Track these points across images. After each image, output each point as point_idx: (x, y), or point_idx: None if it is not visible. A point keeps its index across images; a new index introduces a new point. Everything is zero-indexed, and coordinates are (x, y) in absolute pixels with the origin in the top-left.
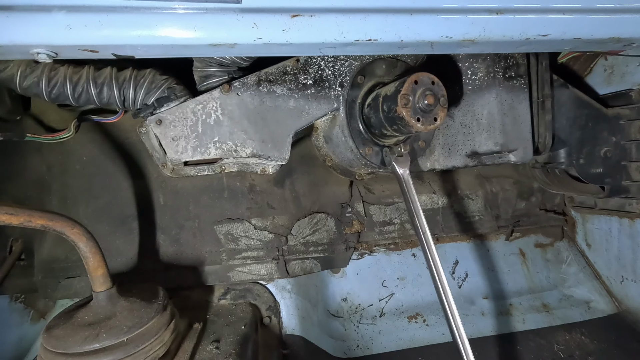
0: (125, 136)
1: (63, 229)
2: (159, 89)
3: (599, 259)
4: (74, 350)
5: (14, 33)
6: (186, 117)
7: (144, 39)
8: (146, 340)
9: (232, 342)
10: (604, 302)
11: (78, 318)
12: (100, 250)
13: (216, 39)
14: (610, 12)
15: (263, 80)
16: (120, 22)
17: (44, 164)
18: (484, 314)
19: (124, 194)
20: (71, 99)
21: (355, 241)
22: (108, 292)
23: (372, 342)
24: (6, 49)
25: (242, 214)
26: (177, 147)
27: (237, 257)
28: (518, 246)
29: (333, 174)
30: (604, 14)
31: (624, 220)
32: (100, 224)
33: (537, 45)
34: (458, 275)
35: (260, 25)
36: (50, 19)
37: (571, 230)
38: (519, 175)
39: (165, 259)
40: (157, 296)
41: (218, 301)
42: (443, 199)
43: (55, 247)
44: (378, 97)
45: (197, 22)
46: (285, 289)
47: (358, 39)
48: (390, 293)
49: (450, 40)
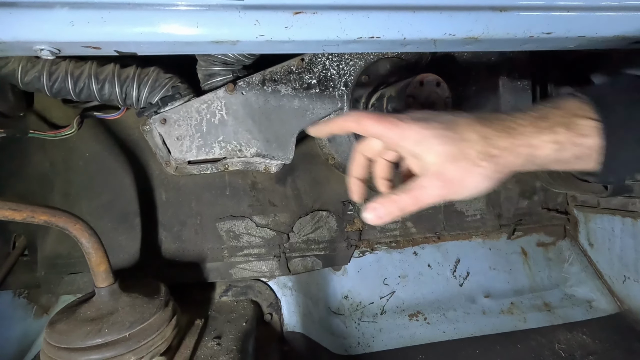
0: (127, 133)
1: (66, 225)
2: (163, 87)
3: (601, 258)
4: (77, 345)
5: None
6: (191, 116)
7: (147, 35)
8: (148, 336)
9: (233, 338)
10: (606, 301)
11: (81, 313)
12: (102, 247)
13: (218, 35)
14: (615, 9)
15: (268, 80)
16: (123, 18)
17: (47, 160)
18: (485, 312)
19: (127, 190)
20: (72, 94)
21: (356, 239)
22: (110, 287)
23: (373, 339)
24: (9, 45)
25: (244, 212)
26: (181, 147)
27: (239, 254)
28: (520, 245)
29: (335, 172)
30: (609, 11)
31: (626, 220)
32: (103, 221)
33: (540, 43)
34: (459, 273)
35: (262, 22)
36: (53, 15)
37: (573, 230)
38: (521, 173)
39: (167, 256)
40: (159, 292)
41: (219, 298)
42: None
43: (58, 243)
44: (382, 97)
45: (199, 19)
46: (286, 286)
47: (361, 37)
48: (392, 291)
49: (453, 38)
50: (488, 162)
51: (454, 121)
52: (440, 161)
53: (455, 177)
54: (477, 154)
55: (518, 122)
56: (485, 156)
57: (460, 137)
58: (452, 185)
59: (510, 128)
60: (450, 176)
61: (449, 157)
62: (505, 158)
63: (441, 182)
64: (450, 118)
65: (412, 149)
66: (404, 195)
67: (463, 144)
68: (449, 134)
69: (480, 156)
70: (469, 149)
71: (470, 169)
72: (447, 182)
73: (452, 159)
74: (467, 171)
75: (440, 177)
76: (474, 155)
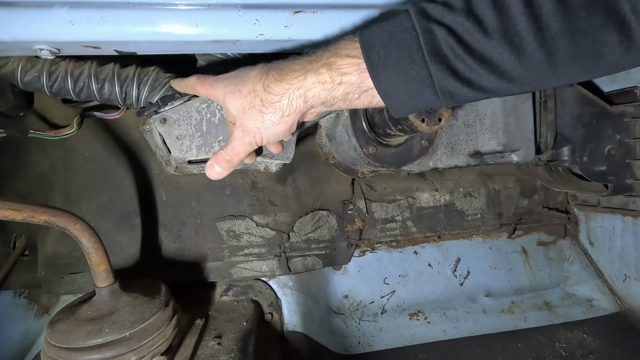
0: (127, 133)
1: (66, 225)
2: (163, 87)
3: (601, 257)
4: (77, 344)
5: (17, 29)
6: (191, 115)
7: (146, 35)
8: (148, 336)
9: (233, 338)
10: (606, 300)
11: (81, 313)
12: (102, 246)
13: (218, 35)
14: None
15: None
16: (123, 18)
17: (47, 160)
18: (485, 311)
19: (127, 190)
20: (72, 94)
21: (357, 238)
22: (111, 287)
23: (373, 339)
24: (8, 45)
25: (244, 211)
26: (181, 146)
27: (239, 253)
28: (520, 244)
29: (335, 171)
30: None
31: (627, 219)
32: (103, 220)
33: None
34: (460, 272)
35: (262, 22)
36: (53, 15)
37: (574, 229)
38: (522, 173)
39: (167, 255)
40: (160, 292)
41: (220, 297)
42: (445, 196)
43: (58, 243)
44: None
45: (199, 18)
46: (287, 286)
47: None
48: (392, 290)
49: None
50: (270, 108)
51: (247, 75)
52: (238, 113)
53: (250, 124)
54: (260, 103)
55: (292, 67)
56: (267, 103)
57: (247, 90)
58: (251, 131)
59: (285, 74)
60: (246, 125)
61: (242, 109)
62: (282, 102)
63: (243, 131)
64: (246, 73)
65: (223, 105)
66: (226, 149)
67: (250, 96)
68: (241, 89)
69: (263, 104)
70: (255, 99)
71: (257, 116)
72: (246, 130)
73: (243, 110)
74: (257, 119)
75: (240, 127)
76: (258, 104)
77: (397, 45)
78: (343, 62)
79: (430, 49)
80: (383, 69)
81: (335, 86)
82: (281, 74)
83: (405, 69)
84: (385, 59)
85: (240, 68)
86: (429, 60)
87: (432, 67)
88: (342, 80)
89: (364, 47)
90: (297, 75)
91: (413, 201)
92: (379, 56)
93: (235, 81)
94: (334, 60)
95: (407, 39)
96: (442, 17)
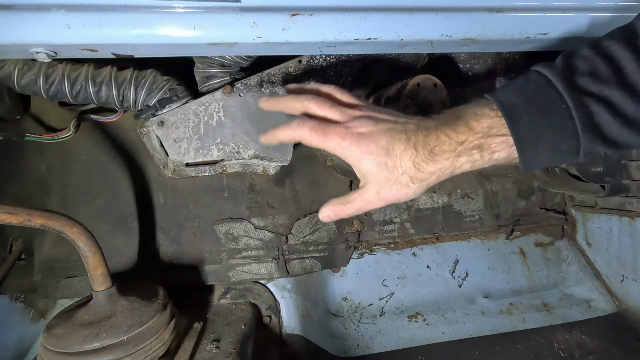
0: (125, 136)
1: (63, 228)
2: (160, 90)
3: (599, 258)
4: (74, 349)
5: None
6: (188, 118)
7: (144, 38)
8: (146, 340)
9: (232, 341)
10: (604, 301)
11: (78, 317)
12: (100, 250)
13: (216, 38)
14: (610, 10)
15: (265, 82)
16: (120, 21)
17: (44, 163)
18: (484, 313)
19: (124, 193)
20: (69, 97)
21: (355, 240)
22: (108, 291)
23: (372, 341)
24: (5, 48)
25: (242, 214)
26: (179, 149)
27: (237, 256)
28: (518, 245)
29: (333, 173)
30: (605, 12)
31: (624, 219)
32: (100, 224)
33: (537, 43)
34: (458, 274)
35: (259, 24)
36: (50, 18)
37: (571, 229)
38: (519, 174)
39: (165, 259)
40: (157, 295)
41: (218, 300)
42: (443, 198)
43: (55, 246)
44: (380, 99)
45: (196, 21)
46: (285, 289)
47: (358, 38)
48: (391, 292)
49: (450, 39)
50: (417, 184)
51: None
52: (379, 182)
53: (390, 195)
54: (409, 179)
55: (443, 148)
56: (415, 180)
57: (394, 165)
58: (387, 199)
59: (436, 154)
60: (385, 194)
61: (385, 181)
62: (430, 179)
63: (379, 198)
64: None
65: (354, 164)
66: (350, 207)
67: (397, 172)
68: (386, 162)
69: (411, 180)
70: (402, 175)
71: (402, 189)
72: (382, 197)
73: (387, 182)
74: (400, 191)
75: (378, 194)
76: (406, 180)
77: (549, 124)
78: (494, 142)
79: (584, 123)
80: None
81: (484, 163)
82: (432, 153)
83: (555, 145)
84: (536, 138)
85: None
86: (581, 133)
87: (583, 138)
88: (492, 158)
89: (512, 124)
90: (448, 157)
91: (411, 203)
92: (528, 137)
93: (378, 152)
94: (486, 142)
95: (557, 111)
96: (594, 89)
